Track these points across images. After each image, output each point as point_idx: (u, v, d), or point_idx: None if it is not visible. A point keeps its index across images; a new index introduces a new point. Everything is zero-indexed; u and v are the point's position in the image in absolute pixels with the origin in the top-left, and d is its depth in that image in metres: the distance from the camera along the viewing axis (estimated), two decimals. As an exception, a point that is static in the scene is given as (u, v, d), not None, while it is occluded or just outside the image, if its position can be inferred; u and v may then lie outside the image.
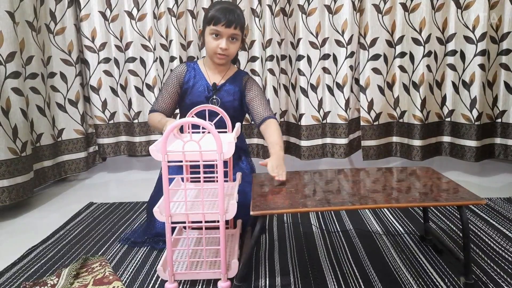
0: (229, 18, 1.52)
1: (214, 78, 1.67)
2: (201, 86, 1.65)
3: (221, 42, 1.55)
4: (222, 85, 1.66)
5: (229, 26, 1.53)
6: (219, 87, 1.65)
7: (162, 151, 1.16)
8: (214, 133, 1.15)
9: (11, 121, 1.95)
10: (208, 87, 1.65)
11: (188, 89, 1.66)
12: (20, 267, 1.44)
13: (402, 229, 1.68)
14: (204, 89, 1.65)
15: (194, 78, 1.66)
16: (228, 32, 1.54)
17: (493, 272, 1.32)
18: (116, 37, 2.49)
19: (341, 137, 2.46)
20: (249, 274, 1.34)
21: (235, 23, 1.53)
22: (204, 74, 1.67)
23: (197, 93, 1.64)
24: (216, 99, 1.64)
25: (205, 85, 1.65)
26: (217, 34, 1.54)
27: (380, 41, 2.36)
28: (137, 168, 2.78)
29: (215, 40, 1.55)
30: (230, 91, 1.66)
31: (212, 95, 1.64)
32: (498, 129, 2.34)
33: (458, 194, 1.22)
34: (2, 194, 1.90)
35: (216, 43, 1.55)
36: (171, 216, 1.22)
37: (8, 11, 1.91)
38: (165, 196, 1.20)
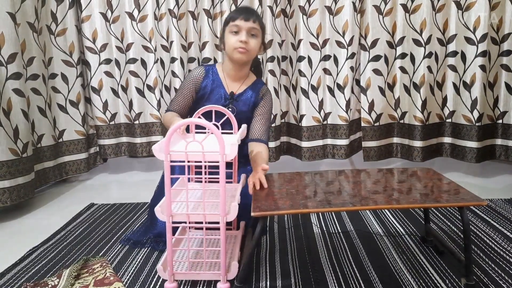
0: (247, 12, 1.53)
1: (233, 86, 1.64)
2: (218, 94, 1.63)
3: (240, 36, 1.52)
4: (240, 95, 1.64)
5: (248, 20, 1.51)
6: (236, 97, 1.63)
7: (165, 150, 1.17)
8: (217, 134, 1.15)
9: (12, 122, 1.95)
10: (225, 96, 1.62)
11: (205, 95, 1.63)
12: (21, 268, 1.44)
13: (403, 230, 1.68)
14: (221, 97, 1.62)
15: (212, 84, 1.63)
16: (247, 26, 1.52)
17: (494, 273, 1.32)
18: (117, 38, 2.49)
19: (342, 138, 2.46)
20: (249, 275, 1.34)
21: (253, 17, 1.53)
22: (222, 81, 1.64)
23: (213, 101, 1.62)
24: (231, 108, 1.62)
25: (222, 93, 1.63)
26: (236, 31, 1.53)
27: (380, 42, 2.37)
28: (138, 169, 2.79)
29: (234, 35, 1.53)
30: (247, 101, 1.64)
31: (228, 104, 1.62)
32: (499, 130, 2.34)
33: (459, 195, 1.21)
34: (3, 195, 1.90)
35: (236, 38, 1.53)
36: (172, 216, 1.22)
37: (9, 12, 1.92)
38: (167, 195, 1.20)
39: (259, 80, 1.72)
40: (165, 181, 1.19)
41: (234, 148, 1.18)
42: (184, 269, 1.32)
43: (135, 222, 1.83)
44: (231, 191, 1.44)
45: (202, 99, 1.63)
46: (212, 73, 1.64)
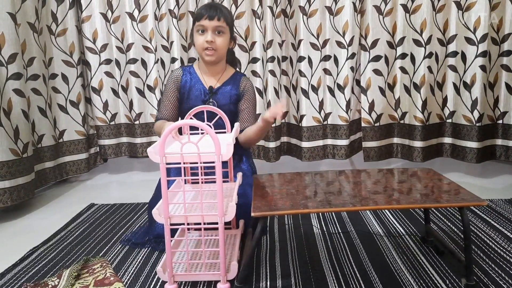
0: (211, 10, 1.54)
1: (210, 81, 1.67)
2: (197, 90, 1.66)
3: (206, 36, 1.56)
4: (218, 88, 1.67)
5: (212, 19, 1.54)
6: (215, 90, 1.66)
7: (160, 153, 1.16)
8: (212, 134, 1.15)
9: (12, 122, 1.95)
10: (204, 91, 1.65)
11: (185, 93, 1.66)
12: (21, 268, 1.44)
13: (403, 230, 1.68)
14: (200, 92, 1.65)
15: (191, 81, 1.66)
16: (212, 25, 1.55)
17: (495, 273, 1.32)
18: (117, 39, 2.50)
19: (342, 138, 2.46)
20: (250, 275, 1.34)
21: (218, 15, 1.54)
22: (200, 78, 1.67)
23: (193, 97, 1.65)
24: (212, 102, 1.64)
25: (201, 89, 1.66)
26: (202, 30, 1.56)
27: (381, 42, 2.37)
28: (138, 169, 2.79)
29: (201, 35, 1.57)
30: (226, 94, 1.67)
31: (208, 99, 1.64)
32: (499, 130, 2.34)
33: (459, 196, 1.21)
34: (4, 195, 1.90)
35: (202, 38, 1.56)
36: (170, 218, 1.22)
37: (9, 12, 1.92)
38: (164, 197, 1.20)
39: (238, 72, 1.74)
40: (162, 183, 1.19)
41: (230, 147, 1.19)
42: (183, 270, 1.32)
43: (135, 223, 1.83)
44: (228, 191, 1.44)
45: (184, 97, 1.67)
46: (189, 72, 1.68)
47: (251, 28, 2.43)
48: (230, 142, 1.20)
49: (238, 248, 1.43)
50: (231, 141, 1.22)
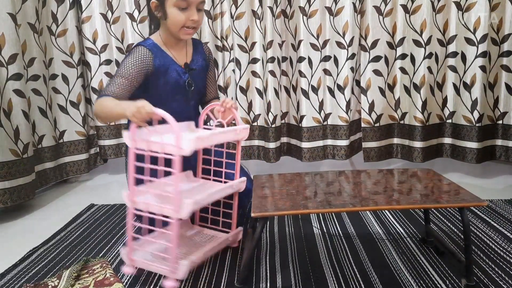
0: None
1: (180, 57, 1.47)
2: (173, 72, 1.45)
3: (191, 14, 1.36)
4: (191, 63, 1.49)
5: None
6: (191, 66, 1.48)
7: (131, 135, 1.17)
8: (175, 127, 1.13)
9: (12, 123, 1.95)
10: (180, 71, 1.46)
11: (160, 76, 1.43)
12: (21, 268, 1.44)
13: (403, 231, 1.68)
14: (178, 73, 1.46)
15: (164, 63, 1.44)
16: (197, 1, 1.36)
17: (495, 274, 1.32)
18: (118, 39, 2.50)
19: (342, 138, 2.46)
20: (249, 276, 1.34)
21: None
22: (170, 56, 1.45)
23: (172, 80, 1.45)
24: (191, 81, 1.48)
25: (176, 69, 1.45)
26: (185, 7, 1.35)
27: (381, 43, 2.37)
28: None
29: (182, 13, 1.36)
30: (200, 68, 1.52)
31: (187, 78, 1.47)
32: (499, 130, 2.33)
33: (459, 196, 1.21)
34: (4, 196, 1.90)
35: (186, 16, 1.36)
36: (135, 203, 1.24)
37: (10, 13, 1.92)
38: (130, 182, 1.21)
39: (194, 39, 1.56)
40: (129, 167, 1.19)
41: (193, 143, 1.15)
42: (143, 258, 1.31)
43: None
44: (208, 188, 1.42)
45: (156, 80, 1.43)
46: (157, 50, 1.44)
47: (251, 28, 2.42)
48: (192, 138, 1.15)
49: (210, 252, 1.37)
50: (193, 138, 1.16)
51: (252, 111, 2.53)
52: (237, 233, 1.50)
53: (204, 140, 1.24)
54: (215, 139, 1.32)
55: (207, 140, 1.27)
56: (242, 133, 1.41)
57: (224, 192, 1.38)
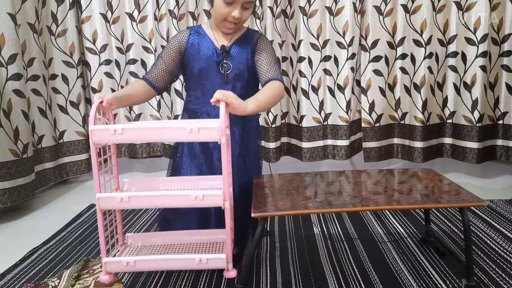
0: None
1: (222, 40, 1.47)
2: (208, 50, 1.45)
3: (233, 10, 1.36)
4: (231, 47, 1.46)
5: None
6: (228, 49, 1.45)
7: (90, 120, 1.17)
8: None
9: (12, 123, 1.95)
10: (216, 51, 1.45)
11: (194, 55, 1.45)
12: (21, 269, 1.44)
13: (403, 231, 1.68)
14: (213, 53, 1.45)
15: (200, 41, 1.45)
16: (243, 0, 1.36)
17: (495, 274, 1.32)
18: (117, 39, 2.49)
19: (342, 138, 2.46)
20: (250, 276, 1.34)
21: None
22: (210, 37, 1.46)
23: (204, 59, 1.45)
24: (227, 64, 1.45)
25: (212, 48, 1.45)
26: (230, 1, 1.35)
27: (381, 42, 2.36)
28: (138, 170, 2.78)
29: (227, 6, 1.36)
30: (242, 53, 1.46)
31: (221, 60, 1.44)
32: (500, 130, 2.33)
33: (460, 196, 1.21)
34: (3, 196, 1.90)
35: (228, 10, 1.36)
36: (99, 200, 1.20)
37: (9, 13, 1.92)
38: (95, 179, 1.20)
39: (251, 29, 1.54)
40: (92, 162, 1.19)
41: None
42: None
43: (135, 223, 1.83)
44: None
45: (191, 59, 1.46)
46: (198, 32, 1.47)
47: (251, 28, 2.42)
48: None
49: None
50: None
51: (252, 111, 2.52)
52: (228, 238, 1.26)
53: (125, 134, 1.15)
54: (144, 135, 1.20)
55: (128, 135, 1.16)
56: (201, 134, 1.15)
57: (182, 201, 1.21)
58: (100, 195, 1.20)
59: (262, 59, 1.45)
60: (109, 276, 1.25)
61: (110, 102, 1.23)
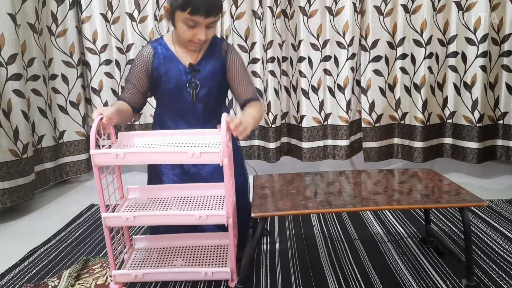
0: (209, 6, 1.26)
1: (187, 56, 1.40)
2: (176, 71, 1.39)
3: (198, 33, 1.30)
4: (199, 64, 1.40)
5: (209, 16, 1.27)
6: (196, 67, 1.39)
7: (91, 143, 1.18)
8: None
9: (12, 123, 1.95)
10: (183, 70, 1.39)
11: (161, 76, 1.40)
12: (21, 269, 1.44)
13: (403, 231, 1.67)
14: (181, 72, 1.39)
15: (165, 61, 1.39)
16: (206, 22, 1.29)
17: (495, 274, 1.32)
18: (117, 39, 2.49)
19: (342, 138, 2.46)
20: (250, 276, 1.34)
21: (215, 10, 1.28)
22: (175, 54, 1.40)
23: (173, 80, 1.39)
24: (195, 83, 1.39)
25: (179, 68, 1.39)
26: (193, 25, 1.29)
27: (381, 42, 2.36)
28: (138, 170, 2.78)
29: (190, 29, 1.30)
30: (211, 69, 1.40)
31: (190, 79, 1.39)
32: (500, 130, 2.33)
33: (460, 196, 1.21)
34: (3, 196, 1.90)
35: (191, 33, 1.30)
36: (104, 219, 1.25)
37: (9, 13, 1.92)
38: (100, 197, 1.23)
39: (216, 38, 1.45)
40: (96, 181, 1.22)
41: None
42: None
43: (135, 223, 1.83)
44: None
45: (159, 81, 1.41)
46: (162, 49, 1.41)
47: (251, 28, 2.42)
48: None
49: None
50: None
51: (252, 111, 2.52)
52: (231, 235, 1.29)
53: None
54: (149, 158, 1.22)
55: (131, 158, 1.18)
56: (203, 158, 1.16)
57: (182, 219, 1.25)
58: (106, 214, 1.26)
59: (236, 78, 1.42)
60: (119, 286, 1.30)
61: (109, 117, 1.21)
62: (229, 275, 1.28)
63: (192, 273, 1.30)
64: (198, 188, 1.42)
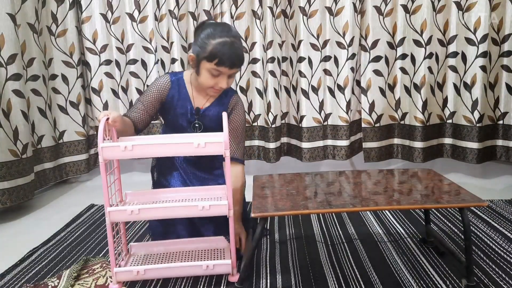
0: (234, 59, 1.36)
1: (199, 100, 1.51)
2: (183, 108, 1.50)
3: (220, 81, 1.40)
4: (206, 109, 1.51)
5: (233, 68, 1.38)
6: (202, 112, 1.51)
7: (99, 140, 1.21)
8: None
9: (12, 123, 1.95)
10: (190, 110, 1.50)
11: (171, 108, 1.51)
12: (21, 269, 1.44)
13: (403, 231, 1.67)
14: (187, 111, 1.51)
15: (179, 96, 1.50)
16: (230, 72, 1.39)
17: (495, 274, 1.32)
18: (117, 39, 2.49)
19: (342, 139, 2.46)
20: (250, 276, 1.33)
21: (240, 63, 1.39)
22: (189, 94, 1.51)
23: (179, 115, 1.51)
24: (198, 124, 1.51)
25: (188, 108, 1.50)
26: (217, 74, 1.39)
27: (381, 43, 2.36)
28: (138, 170, 2.78)
29: (213, 78, 1.39)
30: (214, 116, 1.51)
31: (194, 120, 1.51)
32: (500, 131, 2.33)
33: (460, 196, 1.21)
34: (3, 196, 1.90)
35: (214, 81, 1.40)
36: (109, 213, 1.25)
37: (9, 13, 1.92)
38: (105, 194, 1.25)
39: (229, 89, 1.54)
40: (102, 176, 1.26)
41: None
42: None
43: (135, 223, 1.83)
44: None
45: (168, 111, 1.52)
46: (179, 84, 1.51)
47: (251, 28, 2.42)
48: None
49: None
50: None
51: (252, 111, 2.53)
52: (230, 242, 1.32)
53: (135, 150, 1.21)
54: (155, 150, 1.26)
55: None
56: (207, 148, 1.22)
57: (187, 211, 1.27)
58: (111, 208, 1.26)
59: (230, 133, 1.49)
60: (119, 285, 1.29)
61: (115, 119, 1.26)
62: (229, 267, 1.28)
63: (193, 267, 1.30)
64: (199, 190, 1.43)
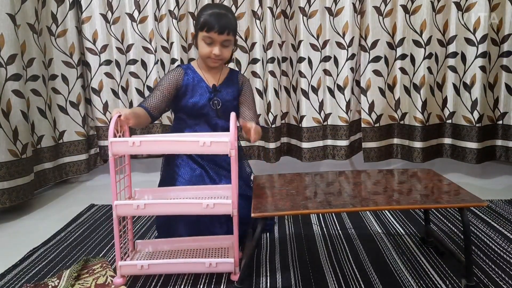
0: (221, 24, 1.51)
1: (211, 79, 1.67)
2: (201, 88, 1.64)
3: (214, 49, 1.55)
4: (221, 86, 1.67)
5: (222, 33, 1.52)
6: (219, 88, 1.66)
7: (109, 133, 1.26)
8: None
9: (11, 123, 1.95)
10: (208, 89, 1.65)
11: (188, 92, 1.63)
12: (21, 269, 1.44)
13: (403, 231, 1.68)
14: (205, 91, 1.64)
15: (193, 81, 1.65)
16: (221, 39, 1.54)
17: (495, 274, 1.32)
18: (118, 39, 2.49)
19: (342, 139, 2.46)
20: (250, 276, 1.34)
21: (228, 29, 1.53)
22: (202, 77, 1.66)
23: (198, 96, 1.63)
24: (217, 100, 1.65)
25: (205, 87, 1.65)
26: (210, 42, 1.55)
27: (381, 43, 2.37)
28: (138, 170, 2.78)
29: (208, 46, 1.56)
30: (229, 92, 1.68)
31: (213, 97, 1.64)
32: (499, 131, 2.33)
33: (459, 196, 1.21)
34: (3, 196, 1.90)
35: (209, 49, 1.56)
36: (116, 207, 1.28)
37: (9, 13, 1.92)
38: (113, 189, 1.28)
39: (233, 70, 1.76)
40: (111, 171, 1.29)
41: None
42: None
43: (135, 223, 1.83)
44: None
45: (185, 96, 1.64)
46: (191, 70, 1.66)
47: (251, 29, 2.43)
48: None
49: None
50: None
51: (252, 112, 2.52)
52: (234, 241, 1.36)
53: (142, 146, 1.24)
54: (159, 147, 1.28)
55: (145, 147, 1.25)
56: (213, 147, 1.25)
57: (191, 208, 1.28)
58: (118, 202, 1.29)
59: (245, 103, 1.71)
60: (122, 279, 1.30)
61: (127, 117, 1.36)
62: (232, 266, 1.29)
63: (196, 265, 1.31)
64: (205, 189, 1.46)
